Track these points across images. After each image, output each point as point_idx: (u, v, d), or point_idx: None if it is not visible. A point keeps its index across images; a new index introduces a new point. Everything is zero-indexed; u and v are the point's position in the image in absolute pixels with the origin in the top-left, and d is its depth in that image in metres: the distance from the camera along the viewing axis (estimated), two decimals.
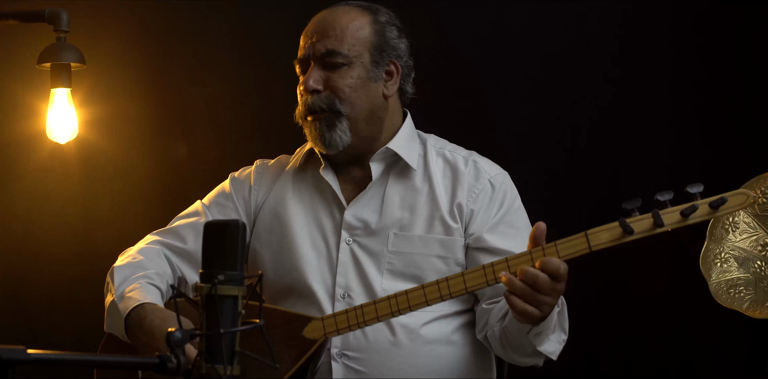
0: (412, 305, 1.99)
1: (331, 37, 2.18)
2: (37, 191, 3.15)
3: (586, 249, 1.89)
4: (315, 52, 2.18)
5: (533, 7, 3.09)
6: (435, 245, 2.18)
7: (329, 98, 2.17)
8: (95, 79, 3.10)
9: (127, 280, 2.12)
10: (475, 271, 1.95)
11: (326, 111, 2.16)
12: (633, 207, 1.85)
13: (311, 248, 2.21)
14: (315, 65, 2.18)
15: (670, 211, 1.84)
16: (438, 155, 2.26)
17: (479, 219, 2.19)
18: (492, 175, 2.24)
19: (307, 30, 2.22)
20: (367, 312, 2.01)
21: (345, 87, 2.17)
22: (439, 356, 2.15)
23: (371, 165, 2.21)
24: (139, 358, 1.44)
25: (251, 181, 2.31)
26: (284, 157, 2.36)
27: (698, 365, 3.00)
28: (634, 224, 1.85)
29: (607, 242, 1.88)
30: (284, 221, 2.25)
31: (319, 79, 2.17)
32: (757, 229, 2.49)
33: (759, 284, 2.46)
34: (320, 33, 2.19)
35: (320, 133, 2.17)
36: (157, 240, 2.26)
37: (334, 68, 2.17)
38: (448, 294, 1.97)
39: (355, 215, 2.20)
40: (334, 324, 2.03)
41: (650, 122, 3.06)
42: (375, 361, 2.12)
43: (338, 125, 2.17)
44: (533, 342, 1.99)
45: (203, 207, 2.30)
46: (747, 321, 2.49)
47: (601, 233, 1.88)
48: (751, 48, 3.04)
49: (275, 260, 2.24)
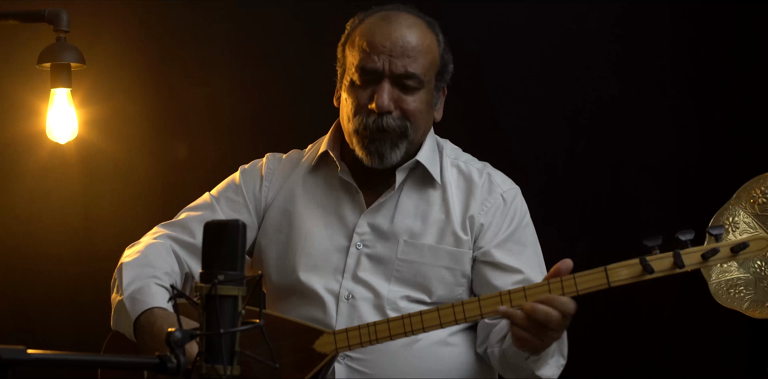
0: (426, 327, 1.98)
1: (411, 58, 2.13)
2: (37, 191, 3.15)
3: (605, 284, 1.89)
4: (393, 70, 2.12)
5: (533, 7, 3.09)
6: (444, 256, 2.17)
7: (402, 120, 2.14)
8: (95, 79, 3.10)
9: (136, 279, 2.10)
10: (491, 297, 1.94)
11: (396, 131, 2.14)
12: (654, 245, 1.86)
13: (319, 248, 2.20)
14: (388, 84, 2.13)
15: (690, 252, 1.85)
16: (453, 166, 2.26)
17: (489, 233, 2.19)
18: (505, 190, 2.24)
19: (380, 42, 2.13)
20: (380, 330, 1.99)
21: (417, 112, 2.15)
22: (442, 357, 2.15)
23: (397, 173, 2.19)
24: (139, 358, 1.44)
25: (262, 176, 2.29)
26: (295, 153, 2.34)
27: (698, 365, 3.00)
28: (654, 263, 1.86)
29: (626, 279, 1.89)
30: (293, 220, 2.23)
31: (392, 99, 2.12)
32: (757, 229, 2.49)
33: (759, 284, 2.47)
34: (399, 51, 2.12)
35: (382, 153, 2.14)
36: (166, 234, 2.24)
37: (407, 90, 2.14)
38: (463, 318, 1.96)
39: (369, 220, 2.19)
40: (346, 340, 2.01)
41: (650, 122, 3.06)
42: (378, 362, 2.12)
43: (399, 146, 2.15)
44: (531, 368, 2.01)
45: (212, 200, 2.28)
46: (747, 321, 2.49)
47: (621, 270, 1.88)
48: (751, 48, 3.04)
49: (281, 258, 2.23)
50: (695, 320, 2.97)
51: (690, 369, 3.00)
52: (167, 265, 2.17)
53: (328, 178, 2.25)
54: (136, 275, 2.11)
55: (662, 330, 3.02)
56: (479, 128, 3.06)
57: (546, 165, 3.08)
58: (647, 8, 3.06)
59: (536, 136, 3.09)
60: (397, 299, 2.14)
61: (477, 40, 3.11)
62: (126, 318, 2.07)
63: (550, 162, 3.08)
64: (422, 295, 2.16)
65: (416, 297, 2.16)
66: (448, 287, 2.16)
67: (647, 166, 3.05)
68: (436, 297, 2.16)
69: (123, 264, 2.15)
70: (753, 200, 2.50)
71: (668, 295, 3.00)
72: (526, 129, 3.09)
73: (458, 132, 2.46)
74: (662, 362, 3.01)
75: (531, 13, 3.10)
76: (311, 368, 2.01)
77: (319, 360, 2.02)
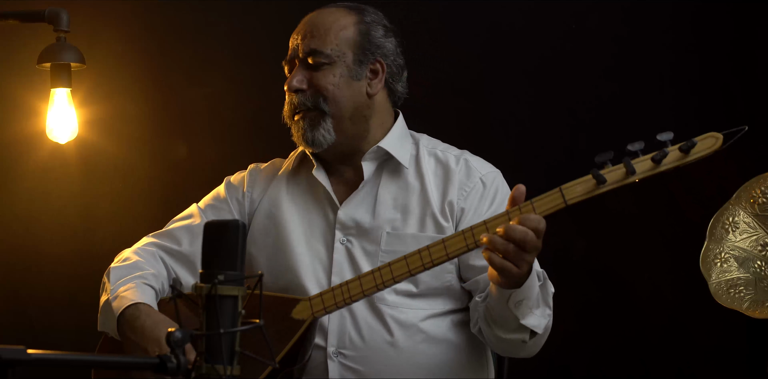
0: (395, 276, 1.99)
1: (315, 37, 2.21)
2: (37, 190, 3.15)
3: (562, 203, 1.90)
4: (299, 51, 2.22)
5: (533, 7, 3.09)
6: (427, 244, 2.17)
7: (314, 97, 2.20)
8: (95, 79, 3.10)
9: (122, 279, 2.15)
10: (455, 236, 1.95)
11: (311, 109, 2.19)
12: (605, 159, 1.87)
13: (306, 248, 2.22)
14: (299, 65, 2.22)
15: (641, 159, 1.87)
16: (430, 155, 2.27)
17: (470, 217, 2.20)
18: (483, 174, 2.25)
19: (294, 32, 2.26)
20: (353, 288, 2.02)
21: (328, 85, 2.20)
22: (435, 354, 2.16)
23: (363, 164, 2.22)
24: (139, 358, 1.44)
25: (245, 185, 2.33)
26: (278, 161, 2.38)
27: (698, 365, 3.00)
28: (607, 175, 1.86)
29: (581, 195, 1.89)
30: (279, 223, 2.26)
31: (302, 78, 2.20)
32: (757, 229, 2.49)
33: (759, 284, 2.47)
34: (305, 33, 2.23)
35: (303, 132, 2.20)
36: (153, 242, 2.29)
37: (317, 68, 2.20)
38: (430, 262, 1.97)
39: (349, 214, 2.21)
40: (321, 303, 2.04)
41: (650, 122, 3.06)
42: (371, 359, 2.13)
43: (322, 123, 2.19)
44: (516, 314, 1.99)
45: (198, 210, 2.32)
46: (747, 321, 2.49)
47: (575, 187, 1.89)
48: (751, 48, 3.04)
49: (271, 261, 2.25)
50: (695, 320, 2.97)
51: (690, 369, 3.00)
52: (154, 268, 2.22)
53: (308, 179, 2.29)
54: (123, 275, 2.17)
55: (662, 330, 3.02)
56: (479, 128, 3.06)
57: (546, 165, 3.08)
58: (647, 8, 3.06)
59: (536, 136, 3.09)
60: (385, 294, 2.15)
61: (477, 40, 3.11)
62: (111, 315, 2.11)
63: (550, 162, 3.08)
64: (409, 285, 2.16)
65: (403, 289, 2.16)
66: (434, 275, 2.16)
67: None
68: (424, 286, 2.17)
69: (111, 268, 2.21)
70: (753, 200, 2.50)
71: (668, 295, 3.00)
72: (526, 129, 3.09)
73: (458, 132, 2.46)
74: (662, 362, 3.01)
75: (531, 13, 3.10)
76: (291, 336, 2.03)
77: (299, 327, 2.04)
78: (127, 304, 2.09)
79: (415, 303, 2.17)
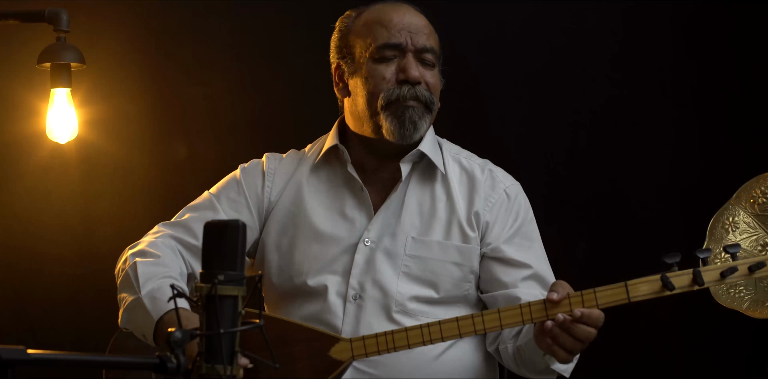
0: (444, 337, 1.98)
1: (427, 35, 2.18)
2: (37, 190, 3.15)
3: (625, 299, 1.93)
4: (415, 44, 2.15)
5: (533, 8, 3.09)
6: (452, 252, 2.17)
7: (430, 92, 2.17)
8: (95, 79, 3.10)
9: (152, 278, 2.07)
10: (511, 310, 1.95)
11: (421, 103, 2.15)
12: (673, 262, 1.88)
13: (328, 247, 2.19)
14: (413, 58, 2.16)
15: (710, 269, 1.88)
16: (454, 161, 2.26)
17: (496, 230, 2.19)
18: (507, 186, 2.25)
19: (397, 20, 2.16)
20: (398, 339, 1.99)
21: (438, 85, 2.20)
22: (448, 359, 2.15)
23: (401, 165, 2.19)
24: (139, 358, 1.44)
25: (264, 176, 2.28)
26: (295, 153, 2.33)
27: (698, 365, 3.00)
28: (674, 280, 1.89)
29: (646, 295, 1.92)
30: (299, 221, 2.22)
31: (420, 72, 2.16)
32: (757, 229, 2.49)
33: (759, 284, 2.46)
34: (416, 28, 2.17)
35: (414, 120, 2.14)
36: (170, 234, 2.21)
37: (427, 65, 2.17)
38: (483, 329, 1.97)
39: (378, 217, 2.19)
40: (363, 347, 2.00)
41: (650, 122, 3.06)
42: (385, 363, 2.11)
43: (425, 119, 2.17)
44: (547, 362, 2.02)
45: (214, 200, 2.26)
46: (747, 321, 2.49)
47: (641, 285, 1.91)
48: (751, 48, 3.04)
49: (287, 259, 2.21)
50: (695, 320, 2.97)
51: (690, 369, 3.00)
52: (178, 266, 2.16)
53: (331, 176, 2.25)
54: (153, 273, 2.09)
55: (662, 330, 3.02)
56: (479, 128, 3.06)
57: (546, 165, 3.08)
58: (647, 8, 3.06)
59: (536, 137, 3.09)
60: (405, 300, 2.14)
61: (477, 41, 3.11)
62: (144, 317, 2.03)
63: (550, 162, 3.08)
64: (430, 291, 2.15)
65: (424, 295, 2.15)
66: (455, 283, 2.16)
67: (647, 166, 3.05)
68: (443, 293, 2.16)
69: (138, 263, 2.10)
70: (753, 200, 2.50)
71: (668, 295, 2.99)
72: (526, 129, 3.09)
73: (459, 132, 2.46)
74: (662, 362, 3.01)
75: (531, 13, 3.10)
76: (328, 374, 1.99)
77: (336, 367, 2.00)
78: (167, 309, 2.01)
79: (433, 311, 2.15)
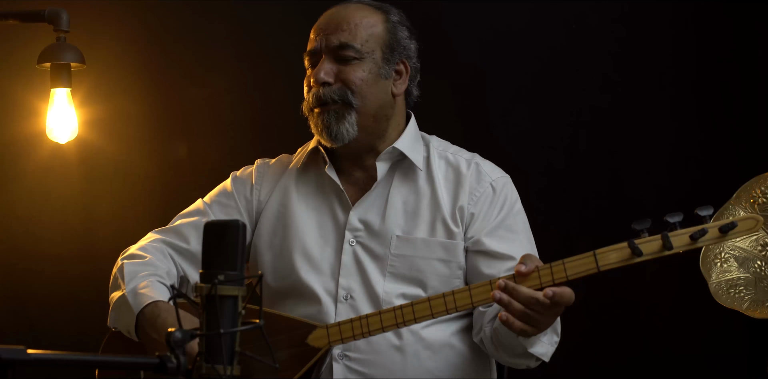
0: (417, 318, 1.99)
1: (345, 31, 2.17)
2: (37, 190, 3.15)
3: (594, 269, 1.89)
4: (327, 44, 2.17)
5: (533, 7, 3.09)
6: (437, 249, 2.17)
7: (341, 90, 2.16)
8: (95, 79, 3.10)
9: (137, 276, 2.11)
10: (481, 286, 1.95)
11: (337, 102, 2.15)
12: (642, 228, 1.85)
13: (315, 248, 2.20)
14: (327, 58, 2.17)
15: (679, 233, 1.84)
16: (440, 158, 2.26)
17: (479, 222, 2.19)
18: (493, 179, 2.23)
19: (318, 24, 2.21)
20: (372, 322, 2.00)
21: (357, 79, 2.17)
22: (440, 358, 2.15)
23: (377, 164, 2.20)
24: (139, 358, 1.44)
25: (253, 181, 2.30)
26: (285, 157, 2.35)
27: (698, 365, 3.00)
28: (643, 246, 1.85)
29: (615, 263, 1.87)
30: (287, 222, 2.24)
31: (330, 71, 2.16)
32: None
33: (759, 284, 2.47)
34: (333, 26, 2.18)
35: (327, 125, 2.15)
36: (160, 239, 2.25)
37: (346, 62, 2.17)
38: (454, 308, 1.97)
39: (359, 216, 2.20)
40: (339, 333, 2.03)
41: (650, 122, 3.06)
42: (376, 362, 2.12)
43: (347, 117, 2.16)
44: (523, 344, 1.99)
45: (205, 206, 2.29)
46: (747, 321, 2.49)
47: (610, 253, 1.87)
48: (751, 48, 3.04)
49: (277, 260, 2.23)
50: (695, 320, 2.97)
51: (690, 369, 3.00)
52: (165, 266, 2.19)
53: (317, 177, 2.26)
54: (137, 272, 2.13)
55: (662, 330, 3.02)
56: (479, 128, 3.06)
57: (546, 165, 3.08)
58: (648, 8, 3.06)
59: (536, 136, 3.09)
60: (393, 299, 2.14)
61: (477, 41, 3.11)
62: (128, 312, 2.07)
63: (550, 162, 3.08)
64: (418, 289, 2.16)
65: (412, 293, 2.15)
66: (443, 280, 2.16)
67: (647, 166, 3.05)
68: (431, 290, 2.16)
69: (124, 264, 2.16)
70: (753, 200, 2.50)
71: (668, 295, 3.00)
72: (526, 129, 3.09)
73: (459, 132, 2.46)
74: (662, 362, 3.01)
75: (531, 13, 3.10)
76: (306, 362, 2.02)
77: (314, 354, 2.03)
78: (147, 302, 2.05)
79: None
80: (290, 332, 2.05)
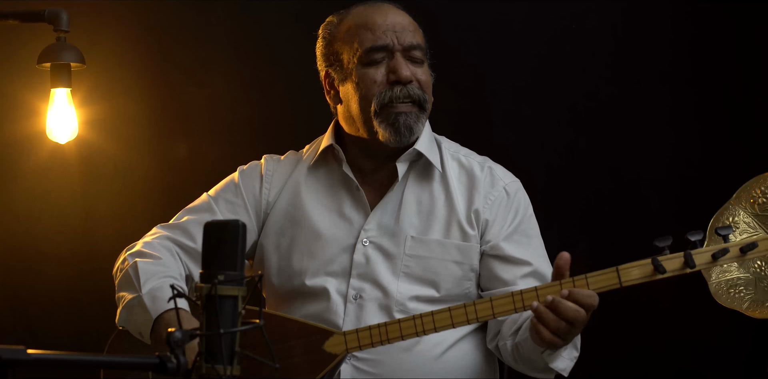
0: (437, 327, 1.97)
1: (413, 32, 2.16)
2: (37, 190, 3.15)
3: (617, 284, 1.90)
4: (402, 43, 2.14)
5: (533, 7, 3.09)
6: (452, 251, 2.17)
7: (422, 90, 2.14)
8: (95, 79, 3.10)
9: (153, 278, 2.08)
10: (503, 297, 1.94)
11: (415, 103, 2.13)
12: (664, 245, 1.87)
13: (326, 247, 2.19)
14: (402, 57, 2.14)
15: (701, 252, 1.86)
16: (453, 159, 2.25)
17: (495, 227, 2.19)
18: (507, 183, 2.24)
19: (380, 22, 2.15)
20: (391, 331, 1.98)
21: (429, 82, 2.17)
22: (449, 359, 2.15)
23: (398, 165, 2.18)
24: (139, 358, 1.44)
25: (262, 178, 2.27)
26: (293, 154, 2.33)
27: (698, 365, 3.00)
28: (666, 263, 1.87)
29: (637, 279, 1.89)
30: (298, 221, 2.22)
31: (411, 70, 2.13)
32: (757, 229, 2.48)
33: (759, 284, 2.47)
34: (401, 26, 2.15)
35: (409, 125, 2.12)
36: (167, 236, 2.22)
37: (416, 63, 2.15)
38: (475, 318, 1.96)
39: (374, 216, 2.19)
40: (357, 340, 2.00)
41: (650, 122, 3.06)
42: (384, 362, 2.11)
43: (421, 118, 2.15)
44: (546, 360, 2.01)
45: (212, 202, 2.26)
46: (747, 321, 2.49)
47: (633, 270, 1.89)
48: (751, 48, 3.04)
49: (286, 260, 2.21)
50: (695, 320, 2.97)
51: (690, 369, 3.00)
52: (177, 267, 2.17)
53: (328, 176, 2.24)
54: (152, 273, 2.09)
55: (662, 330, 3.02)
56: (479, 128, 3.06)
57: (546, 165, 3.08)
58: (647, 8, 3.06)
59: (536, 136, 3.09)
60: (406, 300, 2.14)
61: (477, 40, 3.11)
62: (143, 315, 2.04)
63: (550, 161, 3.08)
64: (431, 290, 2.15)
65: (425, 295, 2.15)
66: (456, 282, 2.16)
67: (647, 166, 3.05)
68: (444, 292, 2.16)
69: (138, 262, 2.11)
70: (753, 200, 2.50)
71: (668, 295, 3.00)
72: (526, 129, 3.09)
73: (458, 131, 2.46)
74: (662, 362, 3.01)
75: (531, 13, 3.10)
76: (322, 368, 2.00)
77: (330, 361, 2.01)
78: (166, 308, 2.02)
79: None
80: (305, 338, 2.03)
